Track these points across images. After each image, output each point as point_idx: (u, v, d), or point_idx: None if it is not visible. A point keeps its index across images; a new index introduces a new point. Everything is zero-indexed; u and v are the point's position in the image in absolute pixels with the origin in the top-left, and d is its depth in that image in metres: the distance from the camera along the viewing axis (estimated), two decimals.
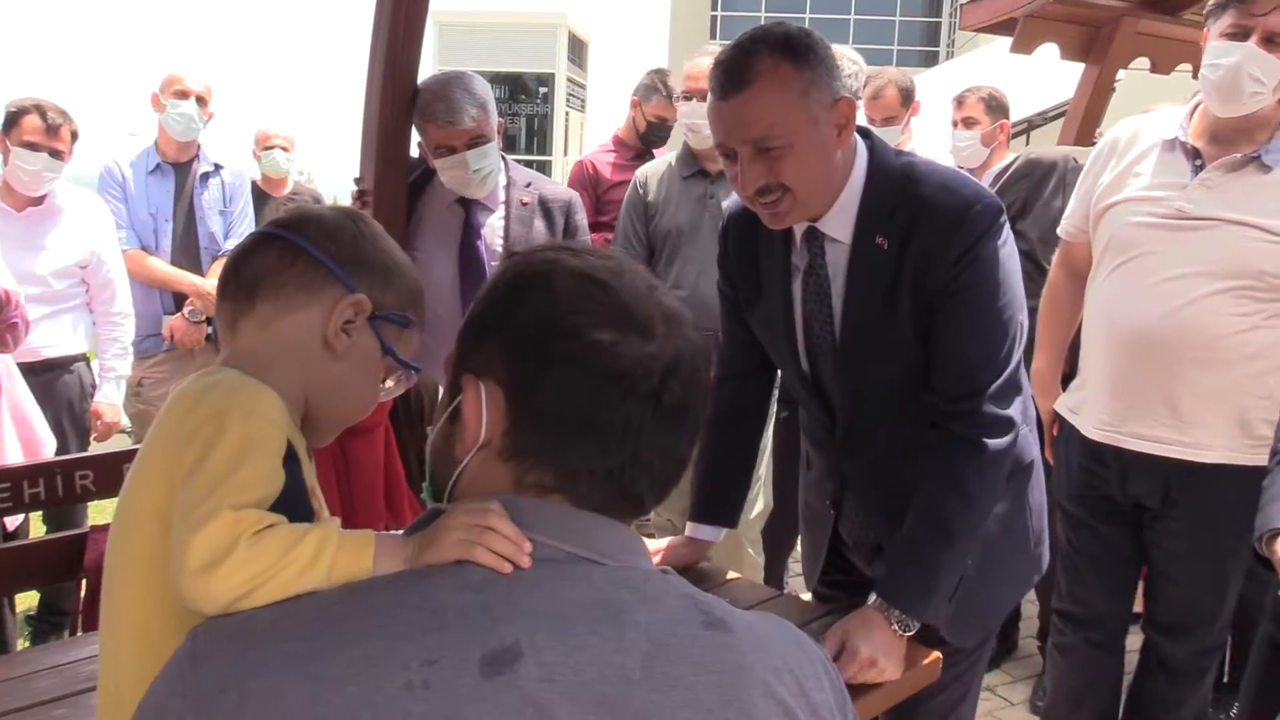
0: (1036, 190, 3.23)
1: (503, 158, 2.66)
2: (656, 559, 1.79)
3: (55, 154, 3.09)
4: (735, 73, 1.42)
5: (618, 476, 0.84)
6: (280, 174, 4.57)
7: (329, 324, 1.05)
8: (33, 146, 3.04)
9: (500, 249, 2.63)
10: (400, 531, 0.93)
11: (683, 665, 0.78)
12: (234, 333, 1.07)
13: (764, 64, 1.41)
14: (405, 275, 1.12)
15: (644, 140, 3.84)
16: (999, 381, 1.50)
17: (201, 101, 3.66)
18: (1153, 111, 2.35)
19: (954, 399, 1.51)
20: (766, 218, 1.53)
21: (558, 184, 2.88)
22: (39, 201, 3.17)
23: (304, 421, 1.08)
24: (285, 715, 0.71)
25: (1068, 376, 2.49)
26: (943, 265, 1.47)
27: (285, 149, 4.56)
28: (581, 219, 2.75)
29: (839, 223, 1.54)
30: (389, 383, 1.14)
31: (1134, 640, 2.43)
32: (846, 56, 3.07)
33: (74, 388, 3.27)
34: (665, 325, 0.86)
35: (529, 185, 2.70)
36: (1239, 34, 2.04)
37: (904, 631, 1.49)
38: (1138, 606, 2.43)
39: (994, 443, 1.49)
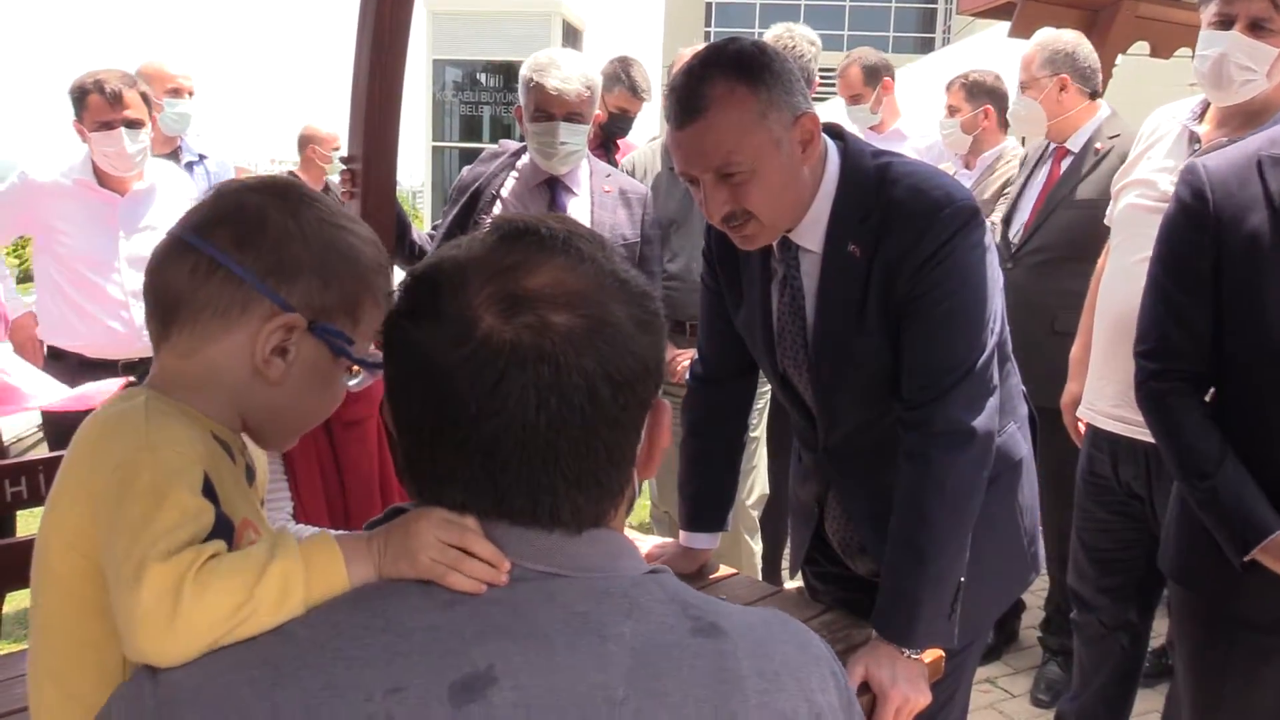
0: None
1: (586, 151, 2.76)
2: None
3: (131, 124, 2.87)
4: (689, 101, 1.38)
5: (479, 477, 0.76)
6: None
7: (256, 349, 0.92)
8: (106, 125, 2.84)
9: None
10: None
11: (669, 679, 0.73)
12: (157, 355, 0.96)
13: (718, 89, 1.37)
14: (352, 262, 0.97)
15: (605, 130, 3.77)
16: (962, 386, 1.45)
17: (190, 95, 3.61)
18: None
19: (915, 405, 1.47)
20: (737, 240, 1.50)
21: (630, 178, 2.96)
22: (140, 179, 2.98)
23: (250, 434, 1.00)
24: None
25: None
26: (911, 269, 1.43)
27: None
28: (654, 212, 2.86)
29: (811, 233, 1.51)
30: (356, 383, 1.03)
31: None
32: (806, 39, 3.03)
33: None
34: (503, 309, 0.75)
35: (609, 176, 2.83)
36: (1224, 22, 2.02)
37: (918, 655, 1.45)
38: None
39: (945, 458, 1.44)
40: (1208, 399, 1.64)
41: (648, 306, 0.80)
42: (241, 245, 0.93)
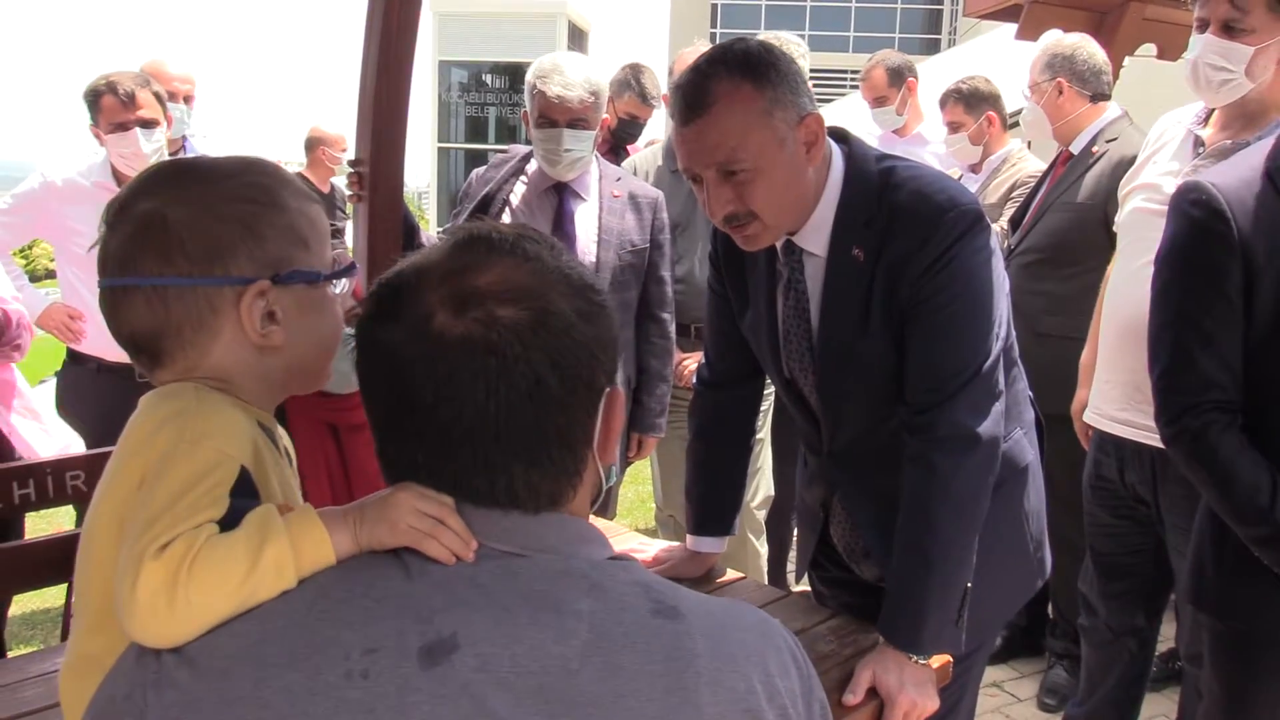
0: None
1: (595, 155, 2.74)
2: (661, 570, 1.75)
3: (146, 124, 2.88)
4: (694, 97, 1.39)
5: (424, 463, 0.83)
6: None
7: (249, 332, 0.95)
8: (121, 126, 2.85)
9: (595, 239, 2.70)
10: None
11: (625, 654, 0.76)
12: (157, 380, 0.98)
13: (723, 86, 1.38)
14: (264, 201, 0.97)
15: (615, 136, 3.77)
16: (967, 391, 1.44)
17: (188, 99, 3.61)
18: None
19: (919, 409, 1.46)
20: (739, 241, 1.50)
21: (643, 182, 2.93)
22: None
23: (293, 388, 1.03)
24: (233, 693, 0.74)
25: None
26: (915, 273, 1.43)
27: None
28: (665, 217, 2.82)
29: (815, 237, 1.51)
30: (341, 287, 1.05)
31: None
32: (790, 42, 3.04)
33: None
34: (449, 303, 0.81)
35: (619, 180, 2.79)
36: (1201, 26, 2.03)
37: (925, 660, 1.45)
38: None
39: (950, 463, 1.43)
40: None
41: (591, 298, 0.85)
42: (168, 259, 0.94)
